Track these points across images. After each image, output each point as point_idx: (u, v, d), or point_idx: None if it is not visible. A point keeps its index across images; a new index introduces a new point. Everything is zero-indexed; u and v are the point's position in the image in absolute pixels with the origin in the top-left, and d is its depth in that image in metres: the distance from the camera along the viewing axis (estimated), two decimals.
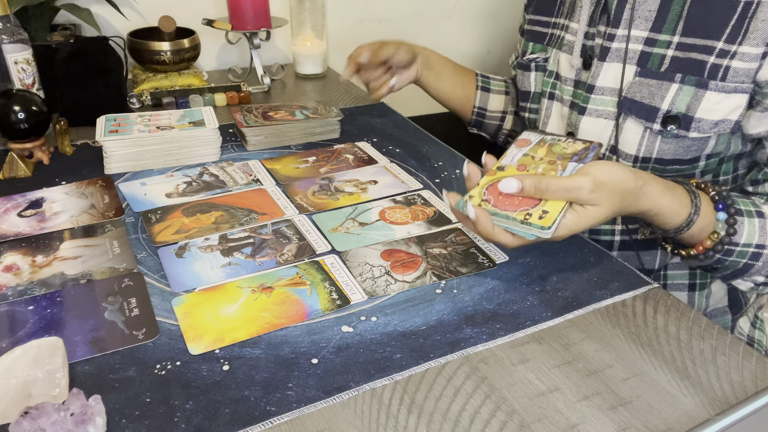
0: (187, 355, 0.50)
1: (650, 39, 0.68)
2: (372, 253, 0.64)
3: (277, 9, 1.21)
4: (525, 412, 0.46)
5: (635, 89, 0.68)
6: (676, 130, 0.66)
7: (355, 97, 1.11)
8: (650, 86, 0.67)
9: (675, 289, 0.78)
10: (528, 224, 0.55)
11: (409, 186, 0.78)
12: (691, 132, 0.66)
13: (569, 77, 0.76)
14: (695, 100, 0.65)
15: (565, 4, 0.80)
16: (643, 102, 0.68)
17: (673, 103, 0.66)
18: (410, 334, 0.53)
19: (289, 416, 0.45)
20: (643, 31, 0.68)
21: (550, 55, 0.80)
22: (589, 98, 0.73)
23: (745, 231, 0.61)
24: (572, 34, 0.76)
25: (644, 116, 0.68)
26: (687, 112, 0.65)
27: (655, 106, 0.67)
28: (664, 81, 0.66)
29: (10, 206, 0.71)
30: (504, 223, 0.56)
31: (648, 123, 0.68)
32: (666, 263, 0.76)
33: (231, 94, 1.04)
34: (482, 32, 1.52)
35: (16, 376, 0.45)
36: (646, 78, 0.68)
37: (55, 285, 0.58)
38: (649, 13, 0.67)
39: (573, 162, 0.60)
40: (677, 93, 0.66)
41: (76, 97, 0.92)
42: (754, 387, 0.49)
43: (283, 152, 0.88)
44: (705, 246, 0.62)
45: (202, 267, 0.61)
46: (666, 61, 0.66)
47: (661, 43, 0.67)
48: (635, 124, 0.69)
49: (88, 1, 1.09)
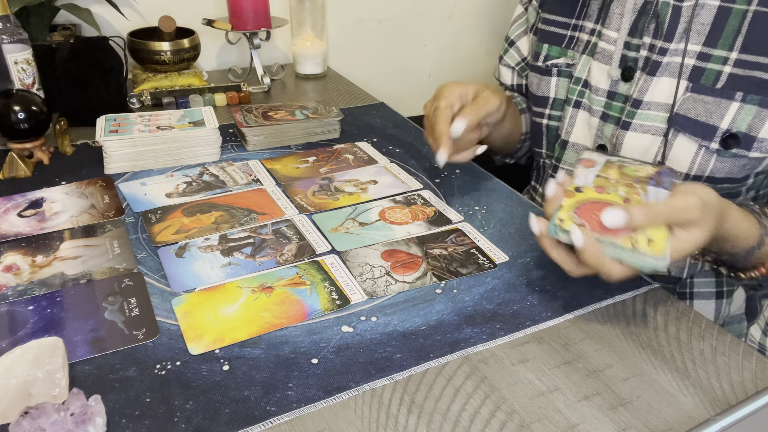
0: (187, 355, 0.50)
1: (703, 54, 0.65)
2: (372, 254, 0.64)
3: (277, 9, 1.21)
4: (525, 412, 0.46)
5: (688, 106, 0.66)
6: (737, 149, 0.64)
7: (355, 97, 1.11)
8: (706, 103, 0.65)
9: (702, 298, 0.77)
10: (638, 252, 0.50)
11: (409, 186, 0.78)
12: (753, 152, 0.64)
13: (602, 87, 0.73)
14: (758, 120, 0.63)
15: (589, 5, 0.76)
16: (698, 119, 0.65)
17: (734, 122, 0.64)
18: (410, 334, 0.53)
19: (289, 416, 0.45)
20: (695, 45, 0.65)
21: (577, 61, 0.77)
22: (635, 113, 0.70)
23: None
24: (609, 43, 0.72)
25: (700, 134, 0.65)
26: (749, 131, 0.63)
27: (713, 124, 0.65)
28: (722, 99, 0.64)
29: (10, 206, 0.71)
30: (611, 250, 0.51)
31: (704, 141, 0.65)
32: (694, 272, 0.75)
33: (231, 94, 1.04)
34: (482, 32, 1.52)
35: (16, 376, 0.45)
36: (700, 94, 0.65)
37: (55, 285, 0.58)
38: (702, 26, 0.65)
39: (651, 186, 0.56)
40: (738, 112, 0.63)
41: (76, 97, 0.92)
42: (754, 387, 0.49)
43: (283, 152, 0.88)
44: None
45: (202, 267, 0.61)
46: (723, 78, 0.64)
47: (716, 58, 0.64)
48: (688, 141, 0.67)
49: (88, 1, 1.09)
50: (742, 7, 0.63)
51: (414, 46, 1.46)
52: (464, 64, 1.54)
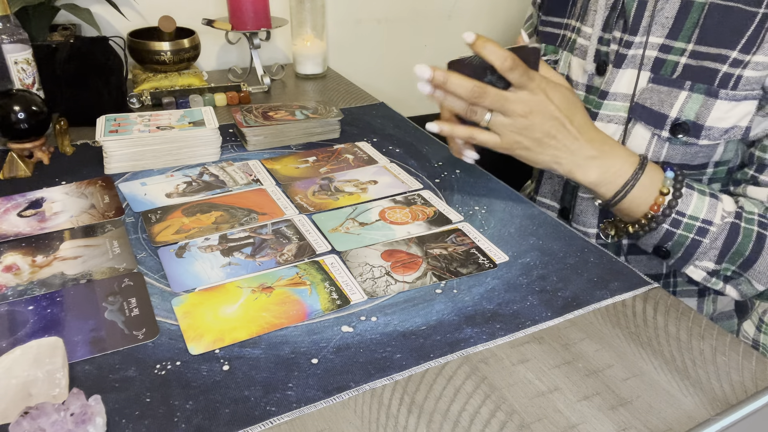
0: (187, 355, 0.50)
1: (665, 46, 0.67)
2: (372, 254, 0.64)
3: (277, 9, 1.21)
4: (525, 412, 0.46)
5: (646, 95, 0.68)
6: (685, 137, 0.66)
7: (355, 97, 1.11)
8: (660, 93, 0.67)
9: (684, 295, 0.78)
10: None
11: (409, 186, 0.78)
12: (701, 140, 0.66)
13: (581, 82, 0.76)
14: (705, 109, 0.64)
15: (577, 5, 0.78)
16: (652, 108, 0.68)
17: (682, 111, 0.66)
18: (410, 334, 0.53)
19: (289, 416, 0.45)
20: (658, 38, 0.67)
21: (560, 57, 0.79)
22: (602, 104, 0.72)
23: (693, 203, 0.62)
24: (585, 39, 0.75)
25: (652, 123, 0.68)
26: (696, 120, 0.65)
27: (663, 113, 0.67)
28: (674, 88, 0.66)
29: (10, 206, 0.71)
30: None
31: (656, 129, 0.68)
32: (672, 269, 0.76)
33: (231, 94, 1.04)
34: (482, 32, 1.51)
35: (16, 376, 0.45)
36: (658, 84, 0.67)
37: (55, 285, 0.58)
38: (666, 20, 0.67)
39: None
40: (686, 101, 0.65)
41: (76, 97, 0.92)
42: (754, 387, 0.49)
43: (283, 152, 0.88)
44: (658, 203, 0.63)
45: (202, 267, 0.61)
46: (678, 69, 0.66)
47: (676, 50, 0.66)
48: (644, 130, 0.69)
49: (88, 1, 1.09)
50: (702, 0, 0.64)
51: (414, 46, 1.46)
52: None
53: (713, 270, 0.65)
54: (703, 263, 0.65)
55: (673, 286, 0.77)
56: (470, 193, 0.77)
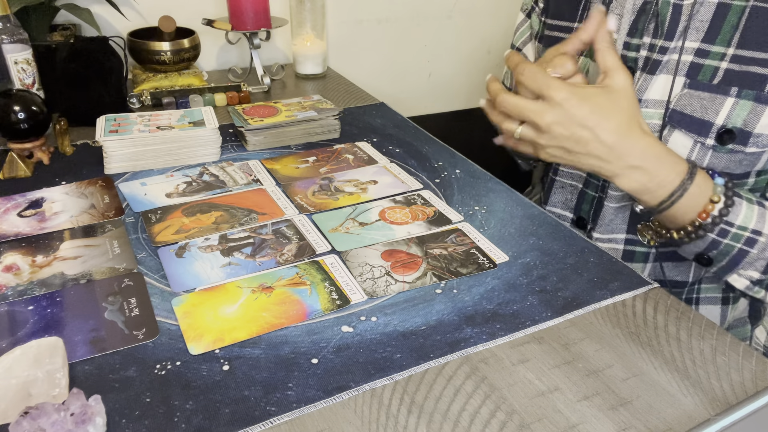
0: (187, 355, 0.50)
1: (701, 50, 0.65)
2: (372, 254, 0.64)
3: (277, 9, 1.21)
4: (525, 412, 0.46)
5: (685, 102, 0.66)
6: (732, 145, 0.64)
7: (355, 97, 1.11)
8: (702, 99, 0.65)
9: (708, 303, 0.76)
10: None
11: (409, 186, 0.78)
12: (749, 147, 0.64)
13: None
14: (753, 115, 0.63)
15: (590, 8, 0.76)
16: (693, 115, 0.65)
17: (729, 118, 0.63)
18: (410, 334, 0.53)
19: (289, 416, 0.45)
20: (694, 42, 0.65)
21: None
22: None
23: (742, 213, 0.60)
24: None
25: (695, 130, 0.65)
26: (744, 127, 0.63)
27: (708, 120, 0.64)
28: (717, 94, 0.64)
29: (10, 206, 0.71)
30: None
31: (700, 137, 0.65)
32: (700, 277, 0.75)
33: (231, 94, 1.04)
34: (482, 32, 1.52)
35: (16, 376, 0.45)
36: (696, 90, 0.65)
37: (55, 285, 0.58)
38: (701, 23, 0.65)
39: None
40: (733, 107, 0.63)
41: (76, 97, 0.92)
42: (754, 387, 0.49)
43: (283, 152, 0.88)
44: (707, 211, 0.59)
45: (202, 267, 0.61)
46: (719, 74, 0.64)
47: (714, 54, 0.64)
48: (684, 137, 0.67)
49: (88, 1, 1.09)
50: (740, 3, 0.63)
51: (414, 46, 1.46)
52: (464, 64, 1.54)
53: (758, 279, 0.63)
54: (748, 272, 0.63)
55: (697, 292, 0.76)
56: (470, 193, 0.77)
